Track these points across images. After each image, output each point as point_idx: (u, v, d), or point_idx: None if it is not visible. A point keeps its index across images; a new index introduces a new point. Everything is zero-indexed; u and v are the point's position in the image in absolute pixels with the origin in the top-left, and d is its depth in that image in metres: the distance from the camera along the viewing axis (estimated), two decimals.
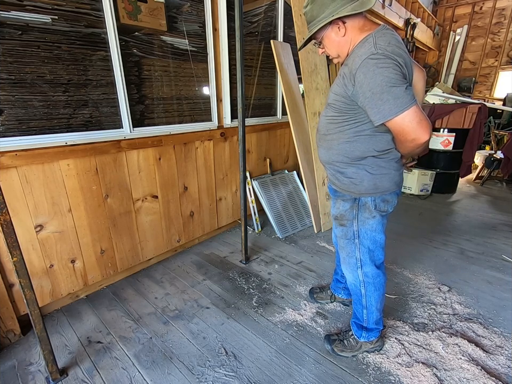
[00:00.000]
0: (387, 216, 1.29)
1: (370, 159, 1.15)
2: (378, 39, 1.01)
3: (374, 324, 1.41)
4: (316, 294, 1.84)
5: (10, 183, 1.44)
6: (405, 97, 0.96)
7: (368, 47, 1.00)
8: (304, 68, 2.42)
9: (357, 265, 1.33)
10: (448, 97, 3.98)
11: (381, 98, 0.98)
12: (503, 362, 1.39)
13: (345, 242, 1.33)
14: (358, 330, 1.44)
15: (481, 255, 2.34)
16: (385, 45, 0.98)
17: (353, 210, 1.25)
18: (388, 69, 0.96)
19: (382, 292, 1.37)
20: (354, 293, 1.41)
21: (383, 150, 1.15)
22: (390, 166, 1.17)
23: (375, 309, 1.38)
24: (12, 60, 1.39)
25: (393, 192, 1.21)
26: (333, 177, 1.29)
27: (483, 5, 6.06)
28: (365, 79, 0.99)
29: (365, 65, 0.98)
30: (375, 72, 0.97)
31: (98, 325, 1.67)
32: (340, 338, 1.49)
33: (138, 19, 1.78)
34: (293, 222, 2.81)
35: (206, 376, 1.35)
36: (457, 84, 6.53)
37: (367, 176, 1.17)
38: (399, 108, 0.97)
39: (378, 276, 1.34)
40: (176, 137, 2.12)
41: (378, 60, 0.97)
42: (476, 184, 4.25)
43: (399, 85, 0.96)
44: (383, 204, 1.21)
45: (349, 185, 1.21)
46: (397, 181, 1.21)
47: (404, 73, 0.99)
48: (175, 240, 2.32)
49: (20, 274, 1.14)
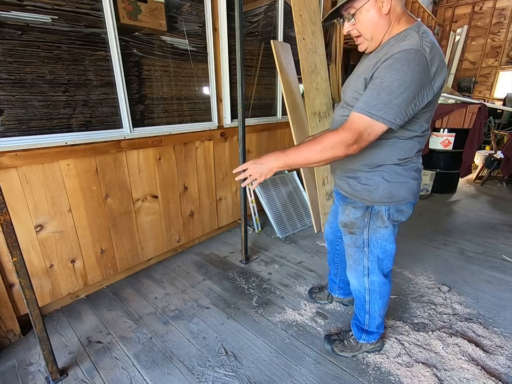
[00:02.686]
0: (399, 225, 1.22)
1: (389, 167, 1.06)
2: (423, 35, 0.88)
3: (375, 328, 1.39)
4: (315, 293, 1.83)
5: (10, 183, 1.44)
6: (396, 110, 0.87)
7: (414, 41, 0.87)
8: (304, 68, 2.42)
9: (364, 273, 1.26)
10: (448, 97, 3.98)
11: (379, 93, 0.88)
12: (503, 362, 1.39)
13: (354, 250, 1.25)
14: (358, 332, 1.42)
15: (481, 255, 2.34)
16: (430, 46, 0.87)
17: (365, 218, 1.16)
18: (418, 73, 0.85)
19: (387, 299, 1.33)
20: (358, 298, 1.37)
21: (406, 158, 1.05)
22: (408, 175, 1.08)
23: (378, 315, 1.34)
24: (11, 60, 1.39)
25: (410, 202, 1.13)
26: (342, 183, 1.20)
27: (483, 5, 6.06)
28: (389, 68, 0.87)
29: (399, 57, 0.86)
30: (403, 67, 0.84)
31: (98, 325, 1.67)
32: (340, 338, 1.47)
33: (138, 19, 1.78)
34: (293, 222, 2.81)
35: (206, 376, 1.35)
36: (457, 84, 6.53)
37: (382, 184, 1.07)
38: (380, 112, 0.87)
39: (385, 284, 1.28)
40: (176, 137, 2.12)
41: (416, 57, 0.84)
42: (476, 184, 4.25)
43: (410, 96, 0.86)
44: (397, 214, 1.13)
45: (362, 191, 1.12)
46: (414, 191, 1.12)
47: (428, 84, 0.88)
48: (175, 240, 2.32)
49: (19, 274, 1.14)
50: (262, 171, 1.02)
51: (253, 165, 1.03)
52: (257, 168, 1.02)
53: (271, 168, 1.00)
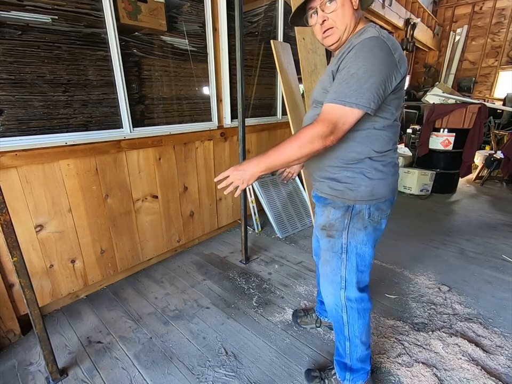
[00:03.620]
0: (379, 231, 1.15)
1: (367, 162, 1.03)
2: (380, 30, 0.93)
3: (359, 361, 1.21)
4: (300, 318, 1.65)
5: (10, 183, 1.44)
6: (367, 94, 0.87)
7: (371, 33, 0.92)
8: (304, 68, 2.42)
9: (341, 285, 1.15)
10: (448, 97, 3.98)
11: (348, 81, 0.88)
12: (503, 362, 1.39)
13: (331, 255, 1.16)
14: (341, 371, 1.25)
15: (481, 255, 2.34)
16: (388, 36, 0.91)
17: (345, 219, 1.10)
18: (381, 56, 0.87)
19: (367, 320, 1.20)
20: (336, 320, 1.23)
21: (382, 151, 1.03)
22: (387, 171, 1.06)
23: (359, 341, 1.19)
24: (12, 60, 1.39)
25: (388, 199, 1.09)
26: (322, 185, 1.14)
27: (483, 5, 6.06)
28: (354, 57, 0.89)
29: (361, 45, 0.89)
30: (367, 53, 0.87)
31: (98, 325, 1.67)
32: (321, 377, 1.31)
33: (138, 19, 1.78)
34: (293, 222, 2.81)
35: (206, 376, 1.35)
36: (457, 83, 6.54)
37: (364, 181, 1.04)
38: (351, 99, 0.87)
39: (363, 300, 1.17)
40: (176, 137, 2.12)
41: (377, 43, 0.88)
42: (476, 184, 4.25)
43: (379, 78, 0.87)
44: (377, 213, 1.08)
45: (344, 191, 1.07)
46: (392, 188, 1.10)
47: (394, 67, 0.90)
48: (175, 240, 2.32)
49: (19, 274, 1.14)
50: (244, 177, 0.99)
51: (235, 172, 1.00)
52: (239, 174, 1.00)
53: (253, 173, 0.99)
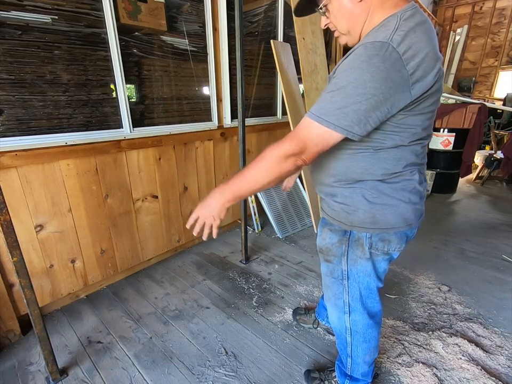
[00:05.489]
0: (388, 261, 0.97)
1: (369, 182, 0.85)
2: (403, 22, 0.70)
3: (360, 375, 1.15)
4: (300, 315, 1.64)
5: (10, 183, 1.44)
6: (352, 116, 0.70)
7: (385, 33, 0.69)
8: (304, 68, 2.42)
9: (345, 310, 1.04)
10: (448, 97, 3.97)
11: (333, 95, 0.71)
12: (503, 362, 1.39)
13: (332, 281, 1.04)
14: (341, 376, 1.19)
15: (481, 255, 2.34)
16: (403, 34, 0.68)
17: (342, 245, 0.96)
18: (381, 71, 0.67)
19: (374, 344, 1.09)
20: (338, 337, 1.14)
21: (389, 173, 0.83)
22: (398, 195, 0.85)
23: (362, 361, 1.11)
24: (11, 60, 1.39)
25: (400, 231, 0.88)
26: (322, 202, 1.02)
27: (483, 5, 6.05)
28: (347, 66, 0.71)
29: (359, 52, 0.70)
30: (362, 63, 0.68)
31: (98, 325, 1.67)
32: (321, 378, 1.27)
33: (138, 19, 1.78)
34: (293, 222, 2.81)
35: (206, 376, 1.35)
36: (457, 83, 6.53)
37: (363, 204, 0.86)
38: (331, 117, 0.71)
39: (371, 327, 1.05)
40: (176, 137, 2.12)
41: (380, 52, 0.67)
42: (476, 184, 4.25)
43: (372, 100, 0.68)
44: (381, 244, 0.90)
45: (339, 213, 0.92)
46: (407, 218, 0.87)
47: (402, 84, 0.69)
48: (175, 240, 2.32)
49: (20, 274, 1.14)
50: (213, 212, 0.88)
51: (202, 210, 0.90)
52: (207, 211, 0.89)
53: (221, 205, 0.87)
